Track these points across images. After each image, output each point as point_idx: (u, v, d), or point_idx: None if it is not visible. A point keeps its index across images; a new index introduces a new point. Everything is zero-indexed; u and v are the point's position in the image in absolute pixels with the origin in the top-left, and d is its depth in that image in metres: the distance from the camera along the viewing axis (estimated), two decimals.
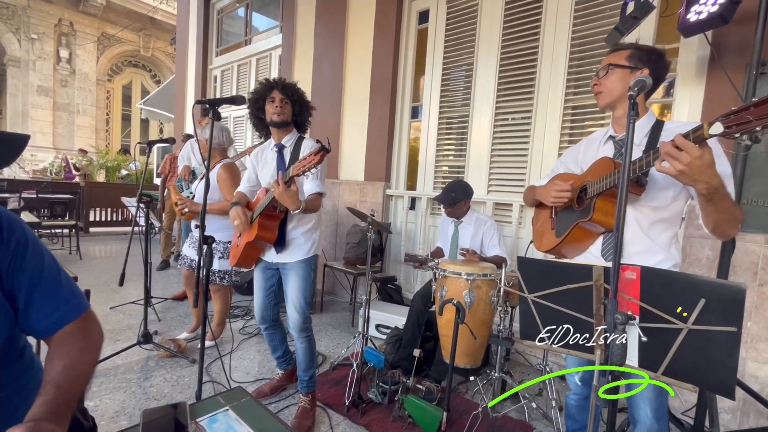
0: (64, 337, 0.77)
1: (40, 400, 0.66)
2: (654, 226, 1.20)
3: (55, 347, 0.75)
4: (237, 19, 5.89)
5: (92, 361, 0.79)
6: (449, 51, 3.36)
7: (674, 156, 0.89)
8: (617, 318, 0.86)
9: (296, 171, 1.49)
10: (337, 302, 3.88)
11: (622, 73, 1.24)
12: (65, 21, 13.79)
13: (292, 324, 1.85)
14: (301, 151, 1.83)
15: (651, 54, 1.23)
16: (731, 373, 0.81)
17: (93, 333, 0.81)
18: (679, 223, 1.21)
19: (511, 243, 2.96)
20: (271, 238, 1.78)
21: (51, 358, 0.74)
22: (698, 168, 0.87)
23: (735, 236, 1.04)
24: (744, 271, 2.01)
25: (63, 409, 0.67)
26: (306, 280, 1.84)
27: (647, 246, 1.20)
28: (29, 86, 13.23)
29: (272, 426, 0.79)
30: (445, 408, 1.62)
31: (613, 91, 1.25)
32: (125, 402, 1.94)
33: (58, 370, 0.71)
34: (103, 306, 3.22)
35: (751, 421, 2.00)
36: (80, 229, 5.61)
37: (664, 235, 1.20)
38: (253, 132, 5.43)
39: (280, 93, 1.80)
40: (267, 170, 1.90)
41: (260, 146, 2.00)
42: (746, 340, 2.00)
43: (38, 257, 0.76)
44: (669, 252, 1.20)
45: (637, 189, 1.16)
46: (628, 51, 1.25)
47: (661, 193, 1.16)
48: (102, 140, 15.06)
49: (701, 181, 0.91)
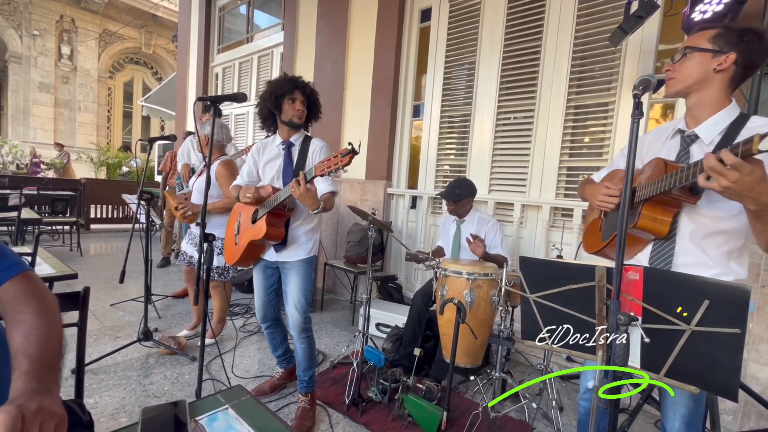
0: (9, 303, 0.73)
1: (17, 373, 0.63)
2: (711, 238, 1.06)
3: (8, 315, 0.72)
4: (239, 17, 5.88)
5: (52, 322, 0.74)
6: (451, 49, 3.35)
7: (719, 172, 0.79)
8: (620, 319, 0.86)
9: (320, 171, 1.44)
10: (337, 301, 3.88)
11: (702, 57, 1.06)
12: (67, 17, 13.80)
13: (292, 324, 1.84)
14: (310, 150, 1.81)
15: (744, 35, 1.03)
16: (734, 375, 0.80)
17: (41, 294, 0.76)
18: (745, 236, 1.06)
19: (513, 243, 2.95)
20: (280, 236, 1.75)
21: (8, 330, 0.70)
22: (746, 185, 0.78)
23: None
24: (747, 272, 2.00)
25: (44, 372, 0.65)
26: (307, 279, 1.83)
27: (699, 259, 1.08)
28: (30, 83, 13.24)
29: (272, 425, 0.79)
30: (445, 407, 1.61)
31: (687, 77, 1.09)
32: (125, 399, 1.94)
33: (19, 341, 0.68)
34: (104, 303, 3.23)
35: (752, 423, 2.00)
36: (81, 226, 5.62)
37: (722, 248, 1.06)
38: (255, 130, 5.40)
39: (302, 95, 1.78)
40: (272, 167, 1.86)
41: (262, 141, 1.95)
42: (748, 342, 1.99)
43: None
44: (727, 266, 1.07)
45: (691, 197, 1.03)
46: (713, 31, 1.07)
47: (726, 203, 0.99)
48: (103, 137, 15.07)
49: (749, 197, 0.82)
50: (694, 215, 1.07)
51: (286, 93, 1.75)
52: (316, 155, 1.81)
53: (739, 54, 1.03)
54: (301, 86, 1.78)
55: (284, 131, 1.84)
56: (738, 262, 1.09)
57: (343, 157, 1.37)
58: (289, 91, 1.75)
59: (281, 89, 1.75)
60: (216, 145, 2.51)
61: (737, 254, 1.08)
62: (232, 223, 1.99)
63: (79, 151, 13.38)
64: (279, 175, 1.84)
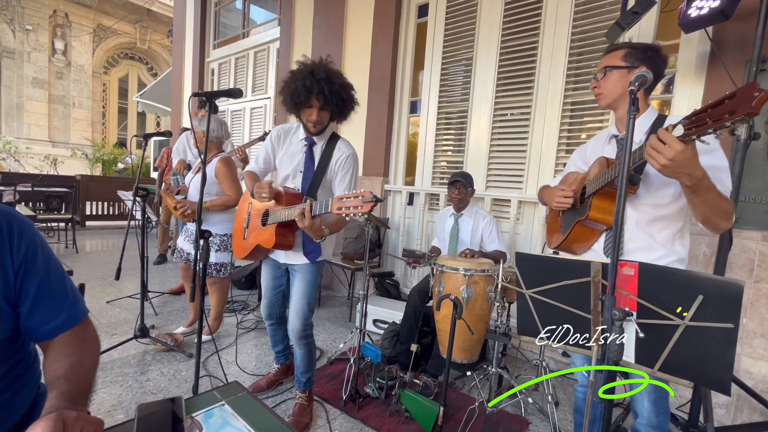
0: (67, 339, 0.77)
1: (55, 392, 0.67)
2: (653, 224, 1.20)
3: (57, 348, 0.76)
4: (234, 12, 5.83)
5: (95, 362, 0.81)
6: (448, 45, 3.34)
7: (658, 150, 0.90)
8: (615, 314, 0.86)
9: (337, 210, 1.33)
10: (334, 297, 3.88)
11: (619, 73, 1.24)
12: (60, 12, 13.63)
13: (291, 330, 1.77)
14: (335, 157, 1.69)
15: (647, 51, 1.23)
16: (727, 369, 0.81)
17: (91, 336, 0.82)
18: (683, 219, 1.20)
19: (509, 239, 2.96)
20: (290, 245, 1.68)
21: (55, 357, 0.74)
22: (680, 162, 0.89)
23: (729, 229, 1.05)
24: (740, 268, 2.02)
25: (79, 398, 0.69)
26: (312, 285, 1.77)
27: (646, 243, 1.20)
28: (24, 78, 13.10)
29: (268, 421, 0.79)
30: (442, 403, 1.62)
31: (613, 91, 1.26)
32: (122, 396, 1.94)
33: (66, 367, 0.72)
34: (100, 300, 3.21)
35: (744, 416, 2.02)
36: (76, 223, 5.58)
37: (664, 232, 1.20)
38: (251, 126, 5.38)
39: (319, 102, 1.57)
40: (290, 160, 1.74)
41: (284, 127, 1.79)
42: (741, 337, 2.02)
43: (47, 262, 0.76)
44: (671, 248, 1.20)
45: (631, 188, 1.17)
46: (623, 51, 1.25)
47: (661, 192, 1.16)
48: (98, 133, 14.95)
49: (684, 174, 0.93)
50: (637, 205, 1.20)
51: (302, 102, 1.59)
52: (341, 164, 1.69)
53: (648, 66, 1.20)
54: (318, 92, 1.54)
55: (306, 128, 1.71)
56: (680, 243, 1.21)
57: (365, 204, 1.27)
58: (305, 101, 1.58)
59: (298, 97, 1.58)
60: (215, 142, 2.49)
61: (679, 236, 1.21)
62: (241, 213, 1.91)
63: (74, 148, 13.28)
64: (297, 173, 1.73)
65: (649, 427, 1.22)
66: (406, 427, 1.84)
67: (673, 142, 0.87)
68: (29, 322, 0.75)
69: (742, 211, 1.98)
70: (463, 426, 1.86)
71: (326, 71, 1.58)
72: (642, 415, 1.23)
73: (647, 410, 1.21)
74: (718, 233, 1.07)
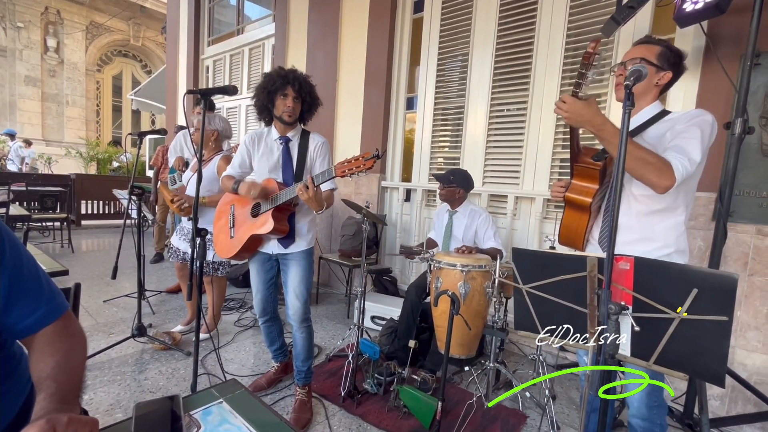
0: (49, 336, 0.75)
1: (44, 394, 0.65)
2: (651, 215, 1.22)
3: (40, 347, 0.73)
4: (229, 8, 5.78)
5: (82, 358, 0.78)
6: (444, 41, 3.33)
7: (559, 106, 1.13)
8: (611, 308, 0.87)
9: (341, 172, 1.46)
10: (332, 294, 3.89)
11: (650, 70, 1.22)
12: (52, 9, 13.44)
13: (293, 313, 1.85)
14: (311, 147, 1.82)
15: (678, 57, 1.24)
16: (722, 362, 0.82)
17: (75, 331, 0.79)
18: (681, 212, 1.22)
19: (506, 235, 2.96)
20: (285, 230, 1.76)
21: (39, 356, 0.72)
22: (576, 111, 1.09)
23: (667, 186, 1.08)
24: (735, 261, 2.03)
25: (69, 397, 0.67)
26: (308, 269, 1.85)
27: (643, 234, 1.23)
28: (16, 76, 12.93)
29: (266, 418, 0.79)
30: (440, 398, 1.63)
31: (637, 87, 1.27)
32: (120, 395, 1.94)
33: (51, 366, 0.70)
34: (97, 299, 3.20)
35: (738, 408, 2.05)
36: (72, 222, 5.54)
37: (662, 224, 1.22)
38: (247, 123, 5.36)
39: (294, 91, 1.73)
40: (267, 161, 1.83)
41: (256, 132, 1.90)
42: (735, 329, 2.04)
43: (17, 257, 0.73)
44: (666, 240, 1.21)
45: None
46: (659, 48, 1.24)
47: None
48: (93, 132, 14.80)
49: (585, 121, 1.10)
50: (637, 196, 1.23)
51: (278, 89, 1.73)
52: (318, 151, 1.83)
53: (674, 73, 1.24)
54: (293, 81, 1.73)
55: (279, 126, 1.82)
56: (677, 236, 1.23)
57: (366, 161, 1.39)
58: (281, 87, 1.72)
59: (273, 85, 1.73)
60: (219, 138, 2.52)
61: (676, 228, 1.23)
62: (222, 216, 1.97)
63: (68, 146, 13.16)
64: (277, 170, 1.82)
65: (639, 419, 1.23)
66: (405, 422, 1.85)
67: (567, 98, 1.10)
68: (6, 319, 0.72)
69: (737, 205, 2.00)
70: (461, 420, 1.87)
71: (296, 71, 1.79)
72: (632, 405, 1.24)
73: (638, 401, 1.22)
74: (659, 191, 1.09)
